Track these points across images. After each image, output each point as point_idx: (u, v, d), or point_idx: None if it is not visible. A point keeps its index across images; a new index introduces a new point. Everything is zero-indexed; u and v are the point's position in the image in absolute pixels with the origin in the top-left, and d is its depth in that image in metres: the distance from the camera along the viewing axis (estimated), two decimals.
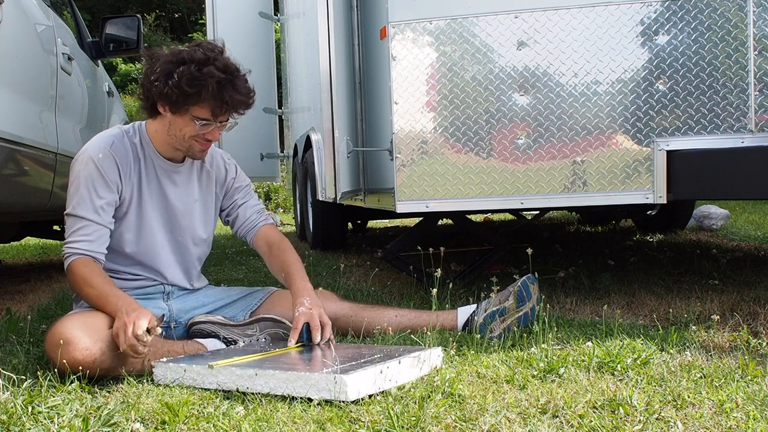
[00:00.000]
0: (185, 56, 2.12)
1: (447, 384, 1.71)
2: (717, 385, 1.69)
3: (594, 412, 1.53)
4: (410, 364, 1.82)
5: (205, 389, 1.79)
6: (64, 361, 1.83)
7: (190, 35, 16.21)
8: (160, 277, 2.29)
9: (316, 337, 2.05)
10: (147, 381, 1.86)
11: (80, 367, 1.82)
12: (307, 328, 2.07)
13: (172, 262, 2.30)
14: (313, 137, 4.33)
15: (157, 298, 2.29)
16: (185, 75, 2.08)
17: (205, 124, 2.16)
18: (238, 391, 1.75)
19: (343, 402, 1.63)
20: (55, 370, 1.84)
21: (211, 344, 2.17)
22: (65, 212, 2.15)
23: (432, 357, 1.92)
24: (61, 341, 1.83)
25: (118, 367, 1.89)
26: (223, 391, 1.77)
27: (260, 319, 2.27)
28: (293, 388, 1.69)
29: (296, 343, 2.05)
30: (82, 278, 2.05)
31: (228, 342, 2.20)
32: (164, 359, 1.92)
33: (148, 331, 1.85)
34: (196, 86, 2.09)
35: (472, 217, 5.70)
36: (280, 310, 2.30)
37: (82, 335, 1.86)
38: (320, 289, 2.60)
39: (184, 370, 1.84)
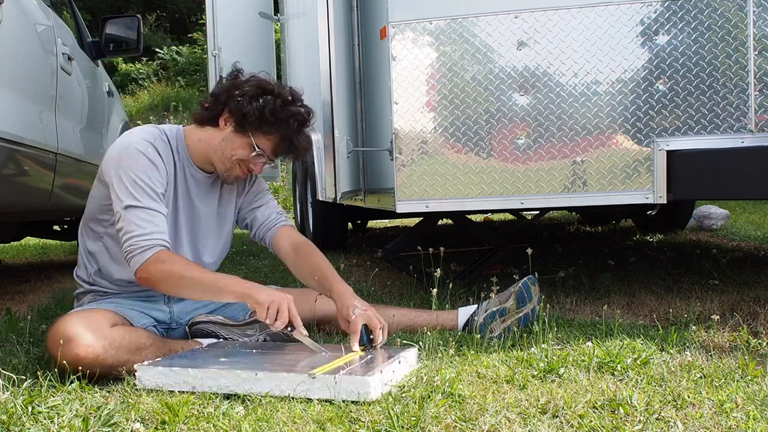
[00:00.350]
0: (273, 88, 2.16)
1: (447, 384, 1.71)
2: (717, 385, 1.69)
3: (594, 412, 1.53)
4: (400, 364, 1.86)
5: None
6: (65, 359, 1.82)
7: (190, 35, 16.20)
8: None
9: (378, 337, 2.03)
10: None
11: (82, 365, 1.82)
12: (365, 330, 2.04)
13: None
14: (313, 137, 4.33)
15: (158, 301, 2.28)
16: (270, 104, 2.12)
17: (258, 155, 2.17)
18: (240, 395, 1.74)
19: (343, 402, 1.63)
20: (56, 369, 1.84)
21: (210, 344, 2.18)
22: (124, 206, 2.02)
23: (410, 357, 1.94)
24: (63, 339, 1.83)
25: (119, 366, 1.88)
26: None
27: None
28: (305, 389, 1.68)
29: (359, 346, 2.01)
30: (179, 272, 2.00)
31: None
32: (147, 362, 1.85)
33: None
34: (277, 120, 2.13)
35: (472, 217, 5.69)
36: None
37: (84, 332, 1.86)
38: None
39: (174, 373, 1.78)
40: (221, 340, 2.20)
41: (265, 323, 2.15)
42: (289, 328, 1.95)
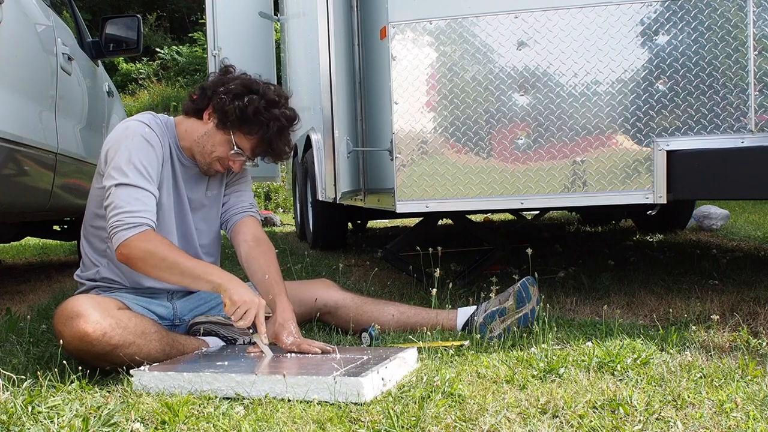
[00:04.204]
0: (259, 89, 2.17)
1: (447, 384, 1.71)
2: (717, 385, 1.69)
3: (594, 412, 1.53)
4: (398, 364, 1.86)
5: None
6: (73, 336, 1.84)
7: (190, 35, 16.22)
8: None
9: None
10: None
11: (89, 341, 1.84)
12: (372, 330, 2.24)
13: None
14: (313, 137, 4.33)
15: (161, 297, 2.28)
16: (253, 104, 2.13)
17: (237, 153, 2.19)
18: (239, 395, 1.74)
19: (344, 402, 1.63)
20: (57, 369, 1.84)
21: (212, 341, 2.19)
22: (115, 183, 2.03)
23: (408, 357, 1.94)
24: (71, 315, 1.86)
25: (125, 347, 1.89)
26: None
27: None
28: (301, 391, 1.68)
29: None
30: (161, 253, 1.99)
31: (228, 340, 2.21)
32: (143, 367, 1.86)
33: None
34: (257, 121, 2.14)
35: (472, 217, 5.69)
36: None
37: (92, 310, 1.89)
38: (323, 277, 2.61)
39: (170, 377, 1.79)
40: (222, 339, 2.21)
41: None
42: (251, 330, 2.01)
